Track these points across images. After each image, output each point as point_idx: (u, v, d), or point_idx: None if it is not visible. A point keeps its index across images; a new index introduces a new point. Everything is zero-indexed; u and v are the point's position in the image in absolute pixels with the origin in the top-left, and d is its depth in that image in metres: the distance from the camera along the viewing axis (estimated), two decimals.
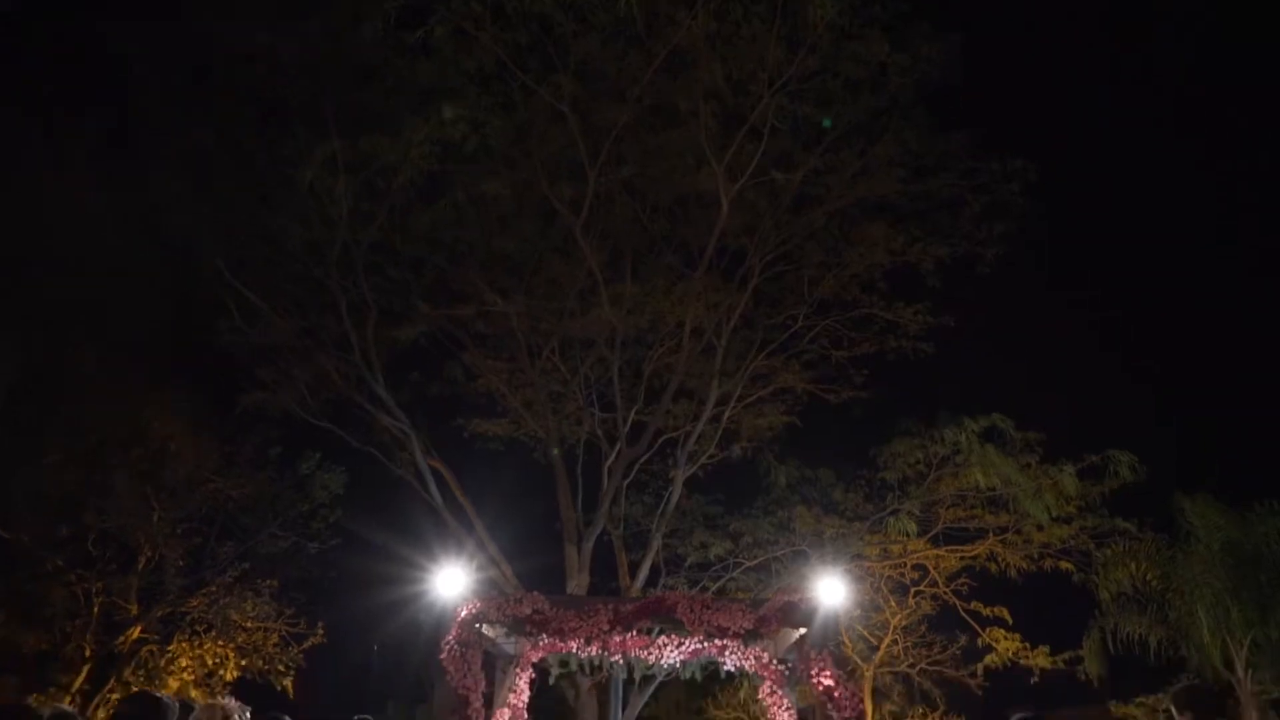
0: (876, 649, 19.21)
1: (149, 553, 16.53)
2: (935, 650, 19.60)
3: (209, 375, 16.97)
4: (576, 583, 16.12)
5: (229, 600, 16.59)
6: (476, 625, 11.29)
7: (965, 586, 18.47)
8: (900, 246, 16.50)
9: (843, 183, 15.84)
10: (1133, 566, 15.56)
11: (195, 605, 16.75)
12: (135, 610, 16.54)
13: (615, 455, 17.33)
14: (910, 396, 18.92)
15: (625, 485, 17.87)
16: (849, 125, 15.34)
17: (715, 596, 14.48)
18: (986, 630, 18.37)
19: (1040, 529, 17.22)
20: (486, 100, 14.63)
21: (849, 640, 19.11)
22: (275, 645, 17.43)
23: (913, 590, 18.90)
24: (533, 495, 19.46)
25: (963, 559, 18.27)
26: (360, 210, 14.86)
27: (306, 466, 17.30)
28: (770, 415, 18.57)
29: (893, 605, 19.02)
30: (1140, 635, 15.16)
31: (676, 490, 17.23)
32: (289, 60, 13.51)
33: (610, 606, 11.61)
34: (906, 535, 17.42)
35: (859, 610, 17.91)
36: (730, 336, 16.95)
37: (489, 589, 12.81)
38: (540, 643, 11.15)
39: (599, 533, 16.81)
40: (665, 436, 18.16)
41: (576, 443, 18.03)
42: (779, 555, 18.22)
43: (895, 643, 19.36)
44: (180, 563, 16.79)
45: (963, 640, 19.20)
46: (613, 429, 17.78)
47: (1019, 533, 17.58)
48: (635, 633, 11.38)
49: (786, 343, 17.83)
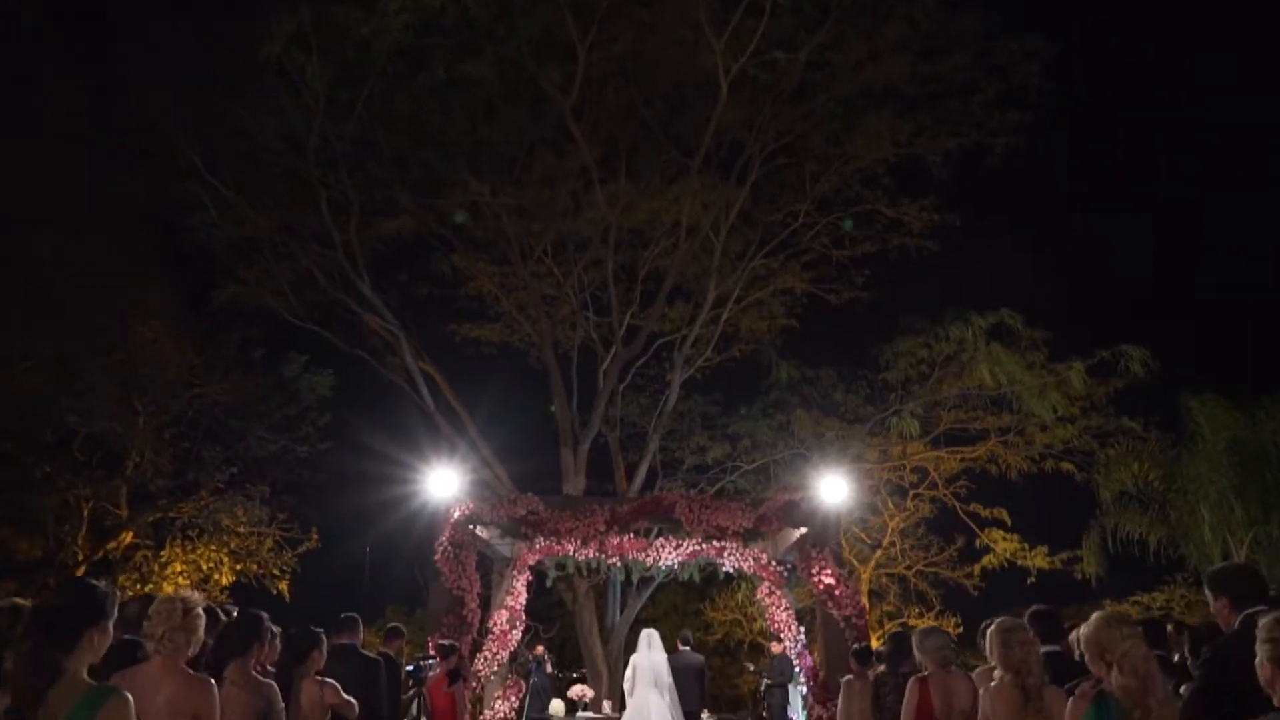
0: (877, 547, 19.19)
1: (136, 457, 16.27)
2: (932, 552, 19.63)
3: (189, 277, 16.51)
4: (572, 486, 15.87)
5: (219, 504, 16.40)
6: (470, 527, 11.08)
7: (964, 489, 18.40)
8: (906, 137, 15.79)
9: (847, 68, 15.01)
10: (1135, 466, 15.49)
11: (185, 510, 16.58)
12: (125, 514, 16.37)
13: (611, 358, 16.96)
14: (913, 299, 18.49)
15: (622, 389, 17.57)
16: (855, 3, 14.45)
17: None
18: (985, 531, 18.34)
19: (1044, 429, 17.00)
20: None
21: (846, 543, 19.07)
22: (270, 550, 17.35)
23: (911, 493, 18.82)
24: (527, 400, 19.23)
25: (963, 460, 18.14)
26: (338, 100, 14.11)
27: (292, 369, 16.89)
28: (771, 314, 18.12)
29: (891, 508, 18.96)
30: (1140, 535, 15.17)
31: (673, 393, 16.92)
32: None
33: (607, 507, 11.39)
34: (907, 438, 17.21)
35: (857, 513, 17.79)
36: (728, 235, 16.36)
37: (482, 491, 12.51)
38: (536, 545, 10.94)
39: (595, 435, 16.55)
40: (662, 339, 17.79)
41: (571, 347, 17.63)
42: (778, 459, 18.02)
43: (893, 545, 19.37)
44: (168, 467, 16.55)
45: (960, 542, 19.23)
46: (608, 334, 17.38)
47: (1021, 434, 17.40)
48: (633, 535, 11.19)
49: (786, 241, 17.30)
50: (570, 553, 10.87)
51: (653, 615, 20.36)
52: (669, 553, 10.93)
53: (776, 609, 10.88)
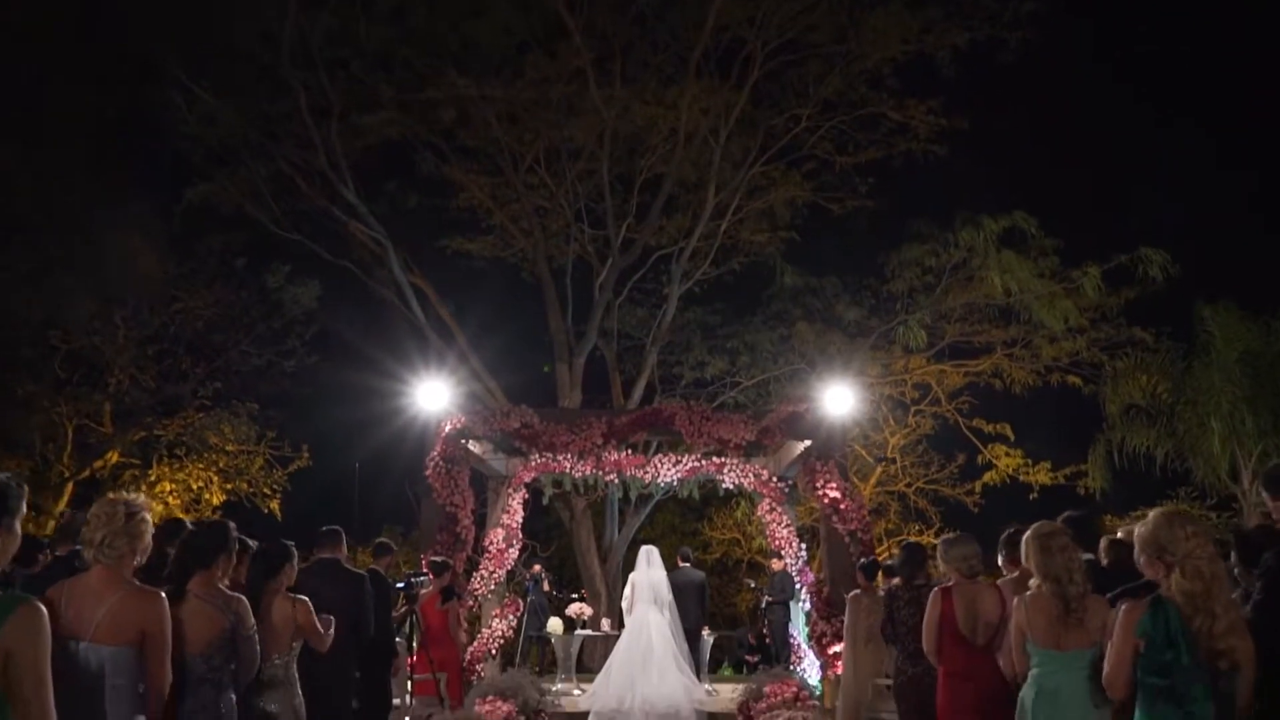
0: (882, 460, 18.93)
1: (118, 373, 15.82)
2: (933, 469, 19.39)
3: (166, 188, 15.79)
4: (568, 401, 15.48)
5: (205, 421, 16.02)
6: (462, 441, 10.71)
7: (967, 405, 18.06)
8: (915, 34, 15.00)
9: None
10: (1144, 378, 15.11)
11: (171, 427, 16.20)
12: (110, 432, 16.00)
13: (607, 270, 16.42)
14: (919, 208, 17.80)
15: (619, 302, 17.07)
16: None
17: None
18: (988, 447, 18.07)
19: (1052, 341, 16.58)
20: None
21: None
22: (260, 469, 17.05)
23: (913, 409, 18.48)
24: (521, 315, 18.70)
25: (967, 375, 17.76)
26: None
27: (275, 279, 16.27)
28: (772, 224, 17.52)
29: (892, 424, 18.64)
30: (1147, 448, 14.85)
31: (671, 305, 16.47)
32: None
33: (604, 419, 10.99)
34: (911, 351, 16.79)
35: (857, 429, 17.48)
36: (728, 140, 15.68)
37: (474, 404, 12.09)
38: (532, 461, 10.58)
39: (591, 348, 16.10)
40: (660, 252, 17.22)
41: (565, 261, 17.06)
42: (778, 374, 17.63)
43: (894, 461, 19.11)
44: (151, 383, 16.11)
45: (961, 459, 18.96)
46: (603, 247, 16.82)
47: (1028, 346, 16.97)
48: (630, 450, 10.82)
49: (787, 148, 16.65)
50: (567, 469, 10.50)
51: (650, 535, 20.16)
52: (668, 469, 10.57)
53: (777, 526, 10.55)
